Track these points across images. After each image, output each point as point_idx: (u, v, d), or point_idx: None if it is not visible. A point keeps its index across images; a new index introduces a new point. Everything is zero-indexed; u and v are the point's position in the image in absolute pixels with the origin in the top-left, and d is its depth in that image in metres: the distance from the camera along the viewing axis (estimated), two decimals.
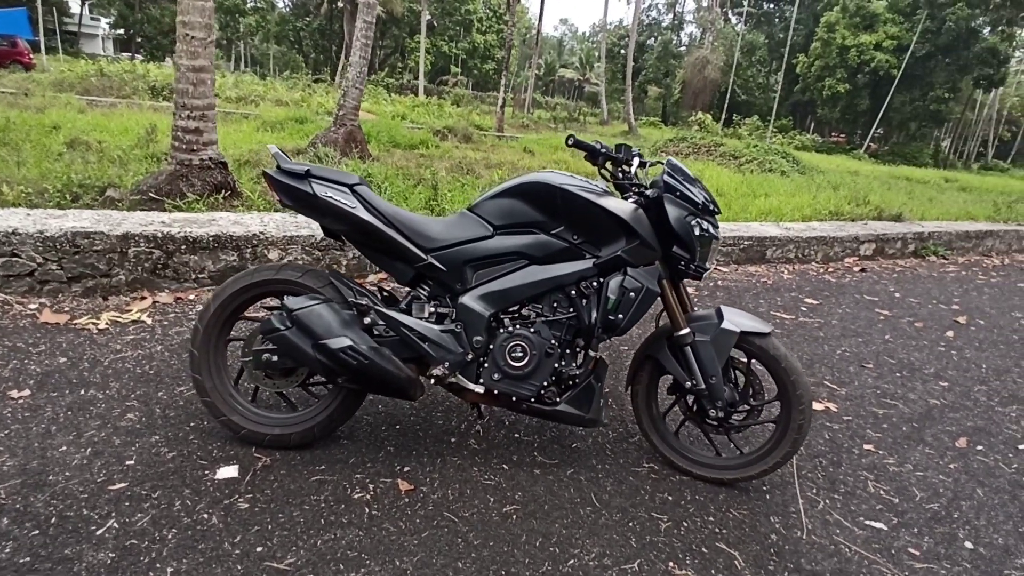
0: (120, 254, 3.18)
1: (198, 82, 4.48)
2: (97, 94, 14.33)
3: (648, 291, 1.89)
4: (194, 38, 4.38)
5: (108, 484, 1.74)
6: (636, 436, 2.36)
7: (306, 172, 1.87)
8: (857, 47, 32.12)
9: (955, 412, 2.96)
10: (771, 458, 2.00)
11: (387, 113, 17.65)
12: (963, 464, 2.46)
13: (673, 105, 45.09)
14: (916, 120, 35.00)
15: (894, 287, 5.42)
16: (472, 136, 14.76)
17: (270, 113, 12.48)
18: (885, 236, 6.66)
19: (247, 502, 1.73)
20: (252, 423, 1.97)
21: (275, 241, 3.53)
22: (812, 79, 35.33)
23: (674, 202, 1.89)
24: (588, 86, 57.37)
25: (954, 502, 2.19)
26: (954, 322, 4.50)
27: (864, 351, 3.65)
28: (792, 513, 2.00)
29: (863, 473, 2.30)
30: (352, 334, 1.79)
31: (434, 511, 1.80)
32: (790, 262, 5.87)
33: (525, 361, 1.89)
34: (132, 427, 2.04)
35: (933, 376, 3.38)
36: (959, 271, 6.55)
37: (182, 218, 3.57)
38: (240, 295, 1.96)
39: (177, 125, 4.55)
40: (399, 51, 46.07)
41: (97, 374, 2.36)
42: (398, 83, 36.31)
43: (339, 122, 8.56)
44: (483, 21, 46.95)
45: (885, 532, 1.97)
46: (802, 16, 38.50)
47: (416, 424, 2.27)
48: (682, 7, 56.41)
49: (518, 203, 1.92)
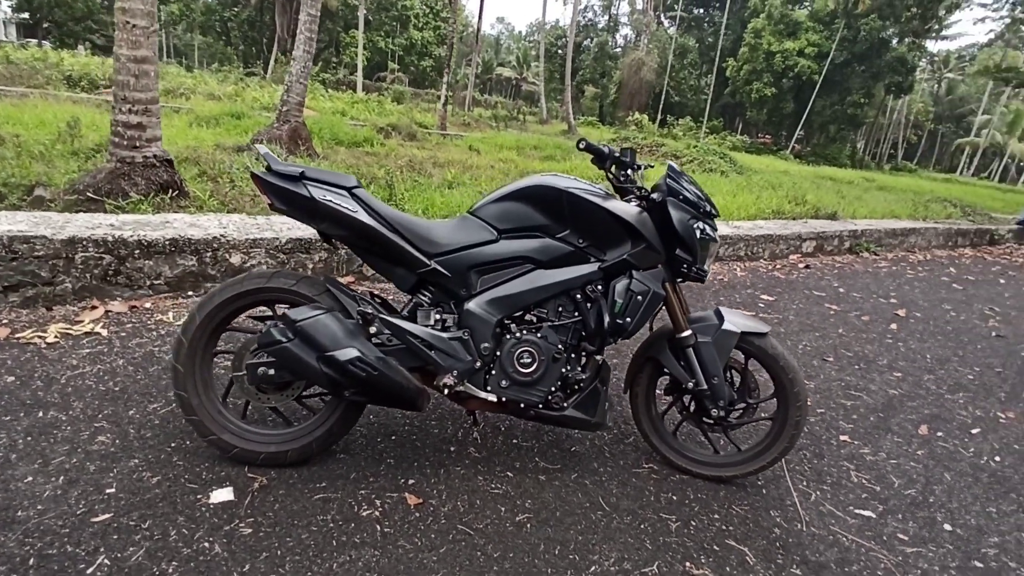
0: (66, 260, 2.92)
1: (140, 74, 4.17)
2: (3, 83, 13.15)
3: (655, 294, 1.90)
4: (135, 26, 4.08)
5: (90, 516, 1.59)
6: (631, 437, 2.38)
7: (301, 174, 1.76)
8: (782, 53, 33.82)
9: (912, 401, 3.15)
10: (769, 454, 2.06)
11: (327, 109, 17.11)
12: (929, 450, 2.62)
13: (610, 105, 46.04)
14: (835, 123, 37.23)
15: (837, 283, 5.73)
16: (416, 134, 14.53)
17: (203, 107, 11.84)
18: (824, 234, 7.04)
19: (250, 527, 1.62)
20: (245, 441, 1.85)
21: (237, 244, 3.34)
22: (741, 82, 36.91)
23: (677, 205, 1.91)
24: (526, 85, 57.72)
25: (928, 487, 2.32)
26: (895, 315, 4.80)
27: (823, 345, 3.84)
28: (789, 506, 2.07)
29: (844, 463, 2.41)
30: (359, 344, 1.71)
31: (447, 525, 1.74)
32: (741, 260, 6.10)
33: (534, 367, 1.86)
34: (106, 451, 1.87)
35: (887, 367, 3.59)
36: (890, 266, 7.01)
37: (132, 220, 3.31)
38: (228, 305, 1.83)
39: (117, 119, 4.22)
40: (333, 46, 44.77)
41: (55, 393, 2.15)
42: (334, 78, 35.30)
43: (283, 118, 8.22)
44: (420, 17, 46.29)
45: (874, 520, 2.06)
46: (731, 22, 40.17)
47: (412, 434, 2.20)
48: (617, 9, 57.70)
49: (523, 207, 1.89)
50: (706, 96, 39.94)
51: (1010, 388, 3.49)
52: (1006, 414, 3.11)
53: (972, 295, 5.94)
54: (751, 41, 35.43)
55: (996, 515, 2.19)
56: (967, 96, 56.90)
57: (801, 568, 1.76)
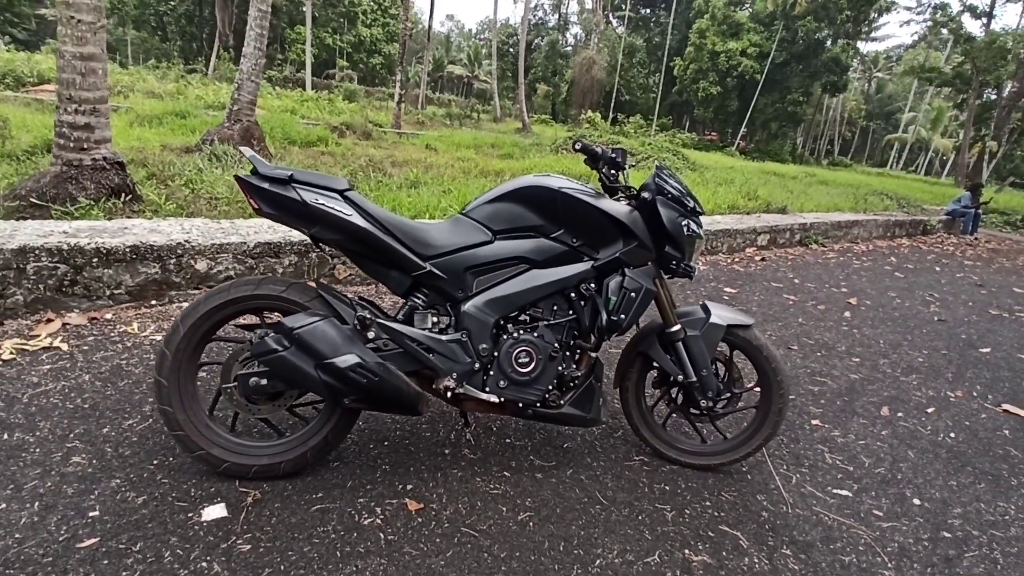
0: (16, 271, 2.75)
1: (87, 72, 3.96)
2: None
3: (647, 290, 1.94)
4: (80, 21, 3.87)
5: (75, 542, 1.50)
6: (620, 431, 2.42)
7: (290, 177, 1.72)
8: (726, 53, 34.87)
9: (872, 384, 3.32)
10: (754, 441, 2.14)
11: (276, 108, 16.62)
12: (892, 431, 2.77)
13: (562, 103, 46.45)
14: (777, 120, 38.70)
15: (792, 274, 5.97)
16: (372, 133, 14.30)
17: (143, 106, 11.32)
18: (777, 227, 7.31)
19: (248, 543, 1.57)
20: (235, 455, 1.78)
21: (202, 250, 3.22)
22: (688, 81, 37.86)
23: (667, 204, 1.95)
24: (477, 83, 57.57)
25: (895, 465, 2.46)
26: (848, 303, 5.04)
27: (786, 334, 4.00)
28: (773, 490, 2.15)
29: (819, 446, 2.53)
30: (358, 350, 1.68)
31: (451, 528, 1.73)
32: (701, 254, 6.27)
33: (532, 366, 1.87)
34: (83, 472, 1.77)
35: (846, 353, 3.77)
36: (837, 257, 7.35)
37: (87, 227, 3.14)
38: (214, 315, 1.76)
39: (62, 120, 3.99)
40: (279, 42, 43.46)
41: (18, 413, 2.03)
42: (281, 76, 34.32)
43: (234, 117, 7.94)
44: (367, 14, 45.48)
45: (851, 498, 2.17)
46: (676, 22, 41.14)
47: (405, 439, 2.17)
48: (567, 8, 58.22)
49: (518, 207, 1.89)
50: (655, 94, 40.80)
51: (956, 369, 3.72)
52: (955, 393, 3.32)
53: (913, 282, 6.30)
54: (696, 41, 36.38)
55: (957, 488, 2.34)
56: (895, 94, 60.18)
57: (791, 548, 1.84)
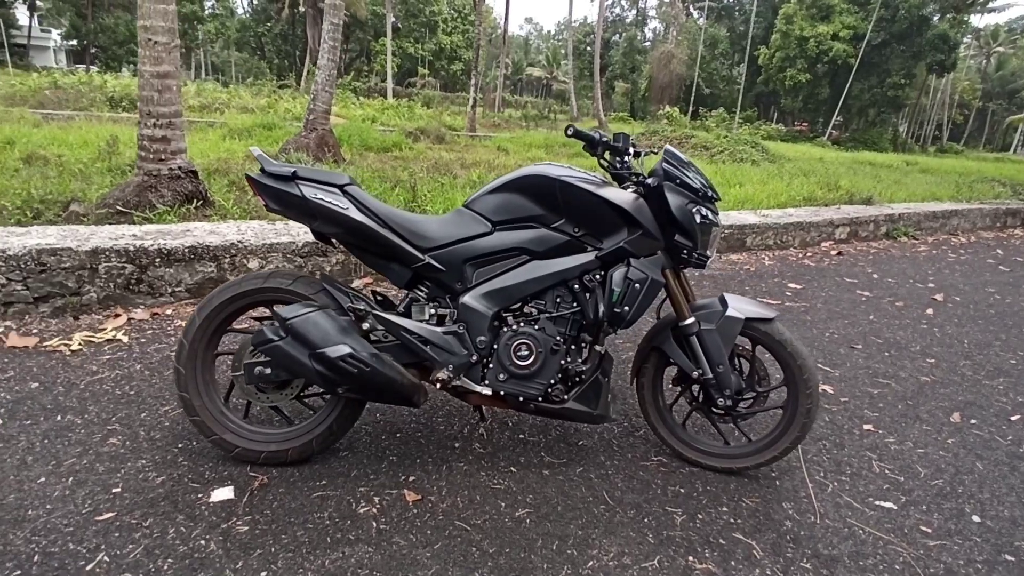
0: (90, 271, 3.03)
1: (163, 88, 4.32)
2: (52, 107, 13.84)
3: (653, 281, 1.85)
4: (156, 43, 4.22)
5: (95, 515, 1.63)
6: (642, 430, 2.32)
7: (293, 174, 1.78)
8: (815, 37, 32.81)
9: (945, 388, 2.99)
10: (780, 444, 1.98)
11: (357, 117, 17.43)
12: (960, 439, 2.48)
13: (641, 100, 45.52)
14: (874, 106, 35.94)
15: (871, 268, 5.51)
16: (445, 137, 14.68)
17: (236, 120, 12.20)
18: (858, 219, 6.78)
19: (246, 524, 1.64)
20: (246, 440, 1.87)
21: (254, 249, 3.41)
22: (774, 70, 35.97)
23: (674, 190, 1.85)
24: (556, 84, 57.55)
25: (957, 477, 2.20)
26: (932, 300, 4.58)
27: (851, 333, 3.69)
28: (803, 498, 1.99)
29: (866, 453, 2.31)
30: (351, 341, 1.71)
31: (444, 520, 1.73)
32: (769, 249, 5.93)
33: (531, 360, 1.84)
34: (116, 452, 1.92)
35: (920, 353, 3.42)
36: (930, 250, 6.70)
37: (154, 230, 3.42)
38: (227, 306, 1.86)
39: (143, 134, 4.38)
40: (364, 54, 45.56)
41: (73, 398, 2.23)
42: (365, 86, 35.90)
43: (310, 126, 8.42)
44: (448, 22, 46.74)
45: (895, 511, 1.96)
46: (761, 9, 39.20)
47: (417, 431, 2.20)
48: (645, 3, 57.00)
49: (517, 197, 1.86)
50: (739, 86, 39.05)
51: None
52: None
53: (1020, 277, 5.63)
54: (783, 27, 34.49)
55: None
56: (1019, 70, 54.10)
57: (812, 562, 1.69)
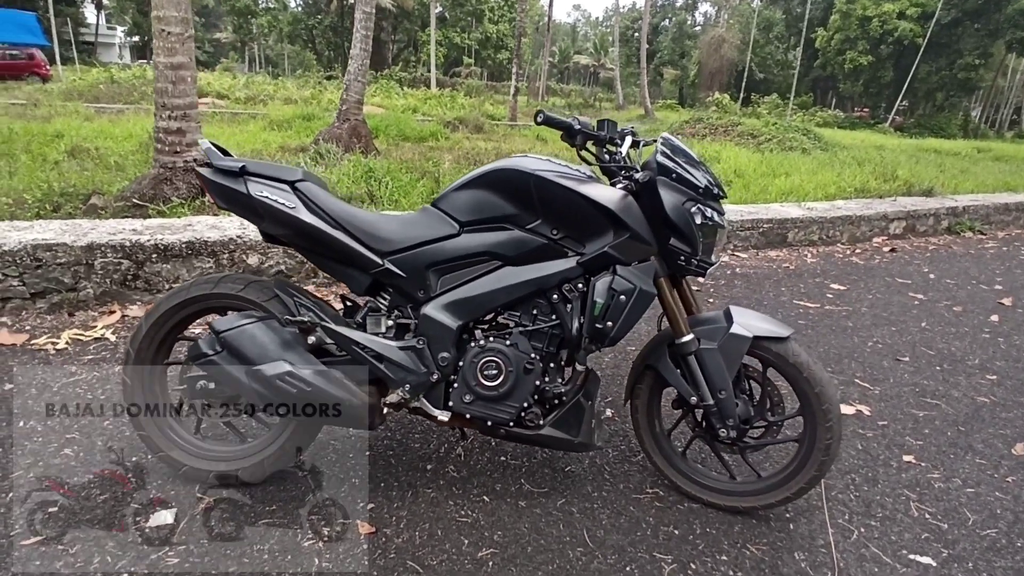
0: (86, 266, 2.98)
1: (177, 80, 4.27)
2: (106, 101, 14.35)
3: (642, 292, 1.60)
4: (170, 34, 4.17)
5: (22, 538, 1.52)
6: (639, 455, 2.07)
7: (241, 169, 1.61)
8: (879, 17, 30.90)
9: (1007, 412, 2.61)
10: (794, 483, 1.71)
11: (398, 107, 17.48)
12: (1022, 477, 2.13)
13: (690, 87, 44.12)
14: (943, 90, 33.63)
15: (928, 268, 5.01)
16: (484, 126, 14.50)
17: (278, 112, 12.35)
18: (916, 213, 6.22)
19: (177, 556, 1.50)
20: (194, 459, 1.73)
21: (254, 245, 3.30)
22: (832, 53, 34.12)
23: (669, 186, 1.59)
24: (603, 71, 56.45)
25: (1015, 526, 1.86)
26: (998, 304, 4.10)
27: (898, 342, 3.30)
28: (821, 547, 1.70)
29: (904, 492, 1.99)
30: (293, 356, 1.54)
31: (396, 560, 1.54)
32: (813, 244, 5.49)
33: (500, 380, 1.62)
34: (66, 464, 1.82)
35: (978, 368, 3.02)
36: (999, 247, 6.08)
37: (155, 225, 3.35)
38: (175, 313, 1.71)
39: (158, 127, 4.36)
40: (411, 45, 45.73)
41: (42, 402, 2.15)
42: (411, 77, 36.03)
43: (342, 117, 8.37)
44: (495, 10, 46.30)
45: (934, 569, 1.66)
46: None
47: (389, 450, 2.02)
48: None
49: (486, 194, 1.64)
50: (794, 71, 37.24)
51: None
52: None
53: None
54: (843, 7, 32.63)
55: None
56: None
57: None
